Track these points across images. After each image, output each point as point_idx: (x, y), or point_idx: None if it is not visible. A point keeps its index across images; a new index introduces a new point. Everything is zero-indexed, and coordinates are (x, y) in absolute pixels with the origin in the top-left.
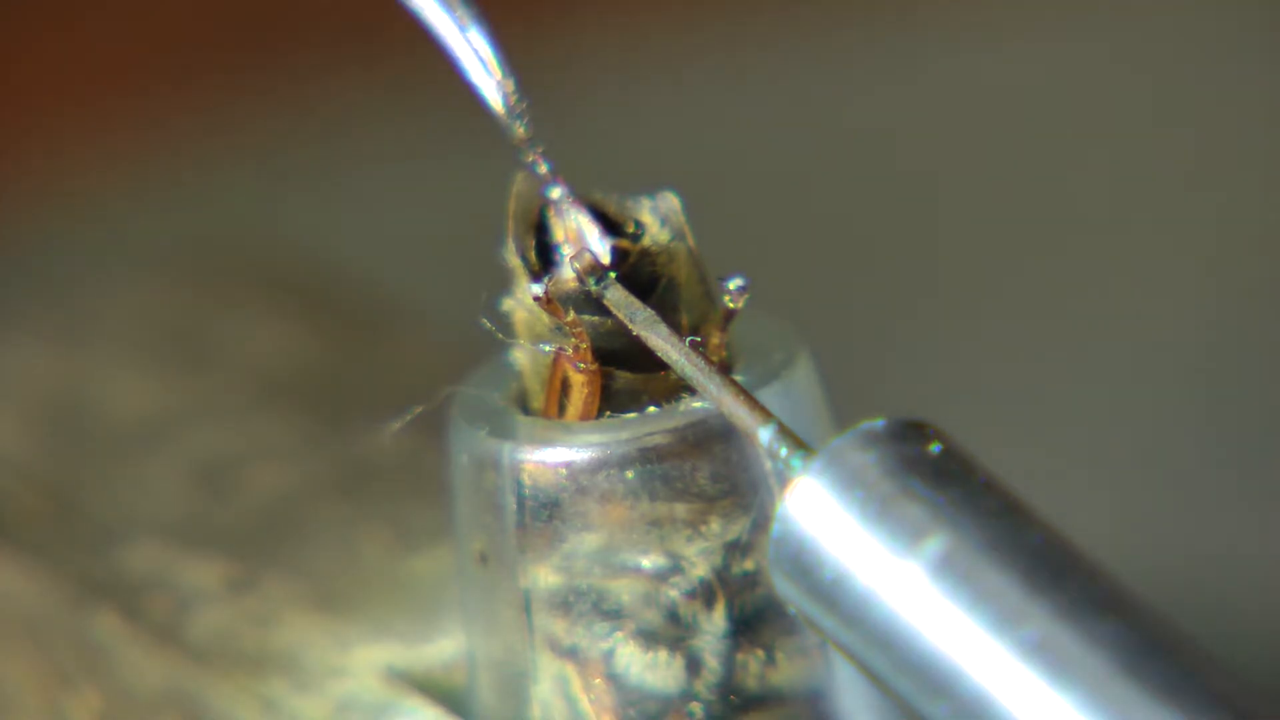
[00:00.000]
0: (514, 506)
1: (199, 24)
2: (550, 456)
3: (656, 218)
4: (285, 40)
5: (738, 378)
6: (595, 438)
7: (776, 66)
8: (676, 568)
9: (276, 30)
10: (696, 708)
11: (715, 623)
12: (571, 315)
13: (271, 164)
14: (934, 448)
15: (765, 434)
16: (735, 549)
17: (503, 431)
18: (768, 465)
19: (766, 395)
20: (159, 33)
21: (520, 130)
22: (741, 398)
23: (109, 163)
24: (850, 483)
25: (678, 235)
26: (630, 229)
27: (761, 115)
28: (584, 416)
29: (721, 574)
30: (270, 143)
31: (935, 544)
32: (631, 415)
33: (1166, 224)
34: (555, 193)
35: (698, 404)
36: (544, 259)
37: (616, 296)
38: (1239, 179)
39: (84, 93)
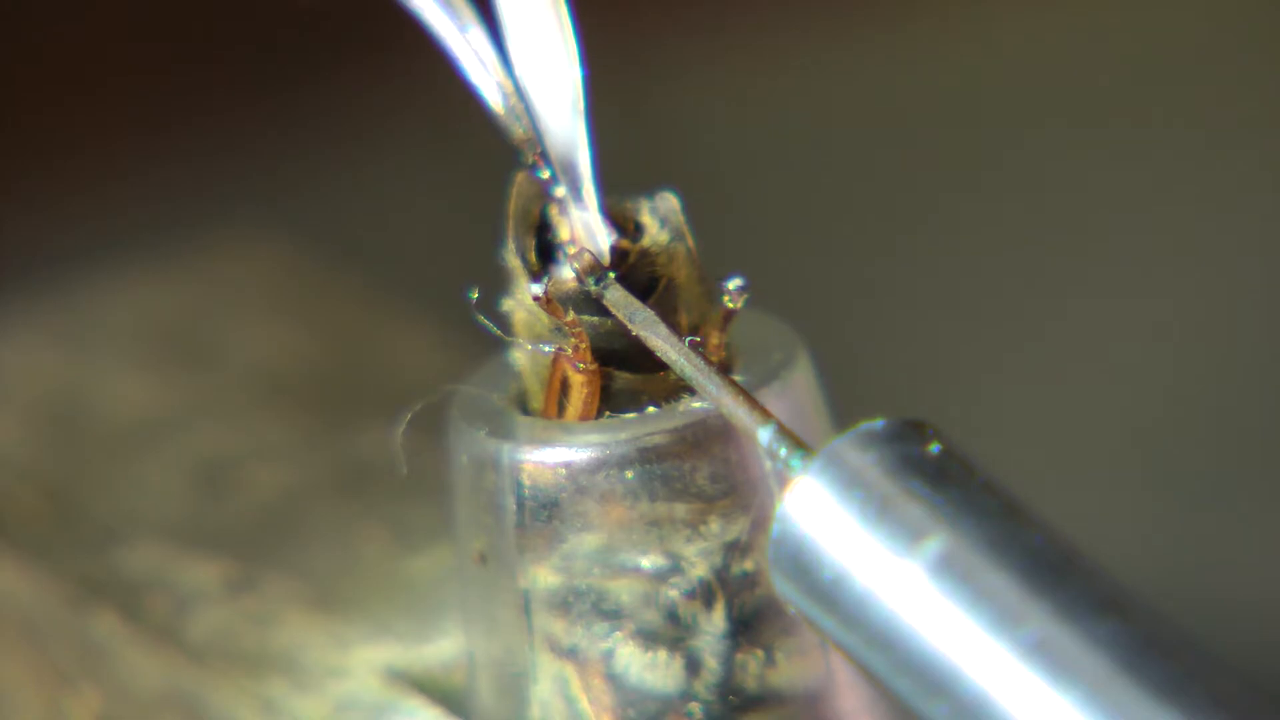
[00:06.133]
0: (513, 507)
1: (199, 22)
2: (550, 457)
3: (656, 218)
4: (285, 39)
5: (737, 378)
6: (595, 438)
7: (776, 65)
8: (676, 568)
9: (276, 28)
10: (696, 708)
11: (715, 623)
12: (571, 315)
13: (272, 163)
14: (934, 448)
15: (765, 434)
16: (735, 549)
17: (502, 431)
18: (767, 465)
19: (766, 395)
20: (159, 31)
21: (520, 130)
22: (741, 398)
23: (109, 162)
24: (850, 483)
25: (677, 235)
26: (630, 229)
27: (761, 114)
28: (583, 416)
29: (721, 574)
30: (270, 141)
31: (935, 544)
32: (631, 415)
33: (1170, 224)
34: (560, 191)
35: (697, 404)
36: (545, 259)
37: (616, 296)
38: (1243, 178)
39: (83, 92)
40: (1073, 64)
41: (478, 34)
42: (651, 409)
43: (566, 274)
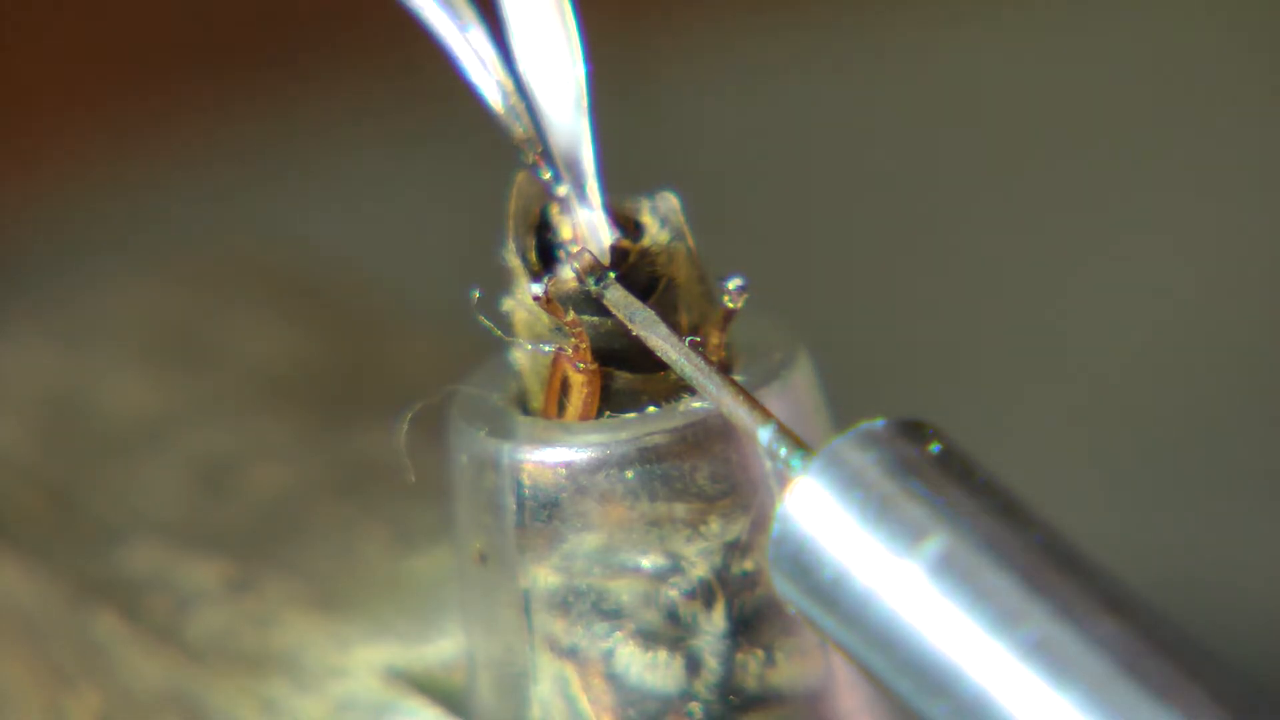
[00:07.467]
0: (514, 506)
1: (199, 22)
2: (550, 456)
3: (656, 218)
4: (284, 38)
5: (738, 378)
6: (595, 438)
7: (776, 65)
8: (676, 568)
9: (276, 28)
10: (696, 708)
11: (715, 623)
12: (571, 315)
13: (271, 163)
14: (934, 448)
15: (765, 434)
16: (735, 549)
17: (502, 431)
18: (767, 465)
19: (766, 395)
20: (160, 32)
21: (520, 130)
22: (741, 398)
23: (109, 163)
24: (850, 483)
25: (677, 235)
26: (630, 229)
27: (762, 114)
28: (584, 416)
29: (721, 574)
30: (270, 142)
31: (935, 544)
32: (631, 415)
33: (1167, 222)
34: (563, 190)
35: (697, 404)
36: (545, 259)
37: (616, 296)
38: (1240, 178)
39: (83, 92)
40: (1071, 65)
41: (478, 33)
42: (651, 409)
43: (567, 274)
